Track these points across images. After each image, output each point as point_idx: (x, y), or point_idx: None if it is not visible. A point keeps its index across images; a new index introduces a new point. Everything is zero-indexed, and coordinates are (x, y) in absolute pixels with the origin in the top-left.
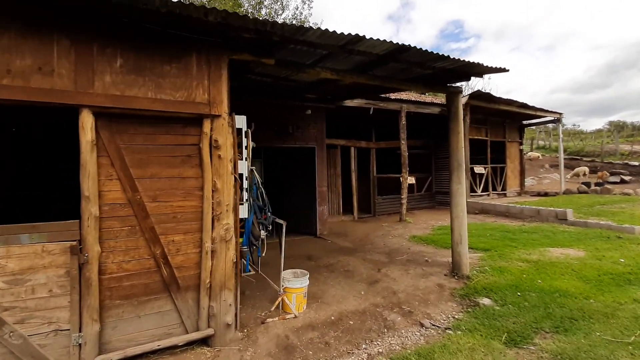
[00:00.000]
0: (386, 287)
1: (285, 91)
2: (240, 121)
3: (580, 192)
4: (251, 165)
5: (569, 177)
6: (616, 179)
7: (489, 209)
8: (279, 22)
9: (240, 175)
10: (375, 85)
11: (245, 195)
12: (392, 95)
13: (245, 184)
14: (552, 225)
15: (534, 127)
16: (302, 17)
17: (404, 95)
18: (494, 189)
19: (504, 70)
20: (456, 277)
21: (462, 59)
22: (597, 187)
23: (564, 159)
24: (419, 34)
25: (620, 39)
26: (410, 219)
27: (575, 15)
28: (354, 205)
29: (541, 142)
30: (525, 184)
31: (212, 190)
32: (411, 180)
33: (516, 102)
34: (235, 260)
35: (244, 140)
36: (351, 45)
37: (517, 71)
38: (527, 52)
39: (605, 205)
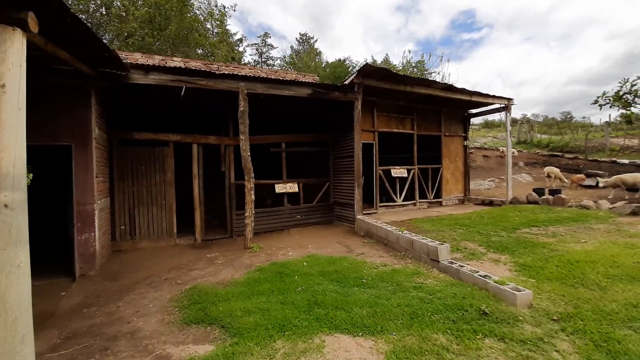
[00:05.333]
0: None
1: None
2: None
3: (529, 202)
4: None
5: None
6: (592, 182)
7: (372, 233)
8: None
9: None
10: None
11: None
12: (225, 69)
13: None
14: (417, 269)
15: (512, 119)
16: None
17: (247, 70)
18: (424, 196)
19: None
20: None
21: None
22: (550, 197)
23: (543, 155)
24: (430, 25)
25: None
26: (258, 246)
27: (596, 1)
28: (195, 224)
29: (545, 136)
30: (481, 187)
31: None
32: (293, 187)
33: (439, 83)
34: None
35: None
36: None
37: (531, 62)
38: (541, 42)
39: (539, 226)
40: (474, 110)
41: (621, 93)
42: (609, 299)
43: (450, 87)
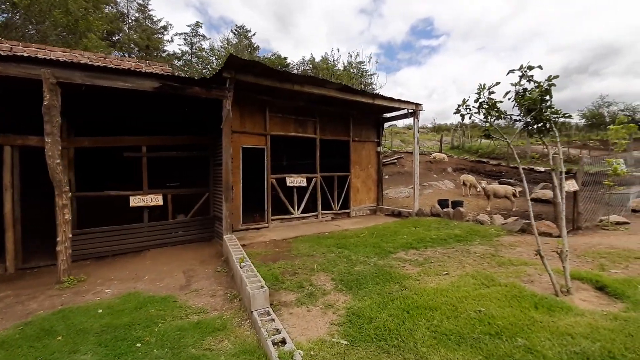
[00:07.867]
0: None
1: None
2: None
3: (432, 215)
4: None
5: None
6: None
7: (228, 259)
8: None
9: None
10: None
11: None
12: (23, 50)
13: None
14: (229, 320)
15: (447, 124)
16: None
17: (58, 53)
18: (329, 206)
19: None
20: None
21: None
22: (451, 210)
23: (471, 161)
24: (391, 29)
25: (576, 43)
26: (77, 279)
27: (540, 17)
28: (7, 249)
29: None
30: (401, 194)
31: None
32: (156, 199)
33: (333, 83)
34: None
35: None
36: None
37: (484, 71)
38: (492, 53)
39: (419, 248)
40: (387, 115)
41: (480, 101)
42: None
43: (346, 88)
